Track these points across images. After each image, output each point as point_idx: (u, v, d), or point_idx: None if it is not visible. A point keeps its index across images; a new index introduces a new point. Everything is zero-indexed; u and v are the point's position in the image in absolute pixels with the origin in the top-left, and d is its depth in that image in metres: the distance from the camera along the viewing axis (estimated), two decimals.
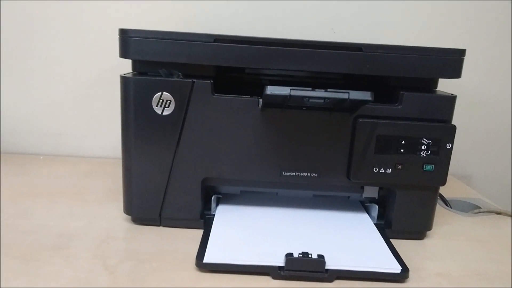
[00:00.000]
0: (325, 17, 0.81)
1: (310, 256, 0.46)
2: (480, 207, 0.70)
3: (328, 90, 0.44)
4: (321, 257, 0.46)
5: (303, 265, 0.46)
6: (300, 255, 0.46)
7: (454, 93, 0.54)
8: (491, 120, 0.88)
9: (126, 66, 0.56)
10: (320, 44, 0.51)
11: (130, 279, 0.45)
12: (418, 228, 0.57)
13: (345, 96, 0.43)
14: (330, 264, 0.46)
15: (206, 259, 0.47)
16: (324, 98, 0.44)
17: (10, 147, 0.86)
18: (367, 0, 0.80)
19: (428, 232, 0.58)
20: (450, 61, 0.52)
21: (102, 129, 0.85)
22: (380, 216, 0.59)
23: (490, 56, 0.84)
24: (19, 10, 0.79)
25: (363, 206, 0.63)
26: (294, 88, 0.43)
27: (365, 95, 0.43)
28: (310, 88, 0.44)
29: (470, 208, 0.71)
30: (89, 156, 0.86)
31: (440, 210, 0.67)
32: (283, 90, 0.43)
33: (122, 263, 0.47)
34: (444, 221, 0.63)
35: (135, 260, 0.48)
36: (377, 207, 0.59)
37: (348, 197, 0.63)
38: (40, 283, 0.43)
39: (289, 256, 0.46)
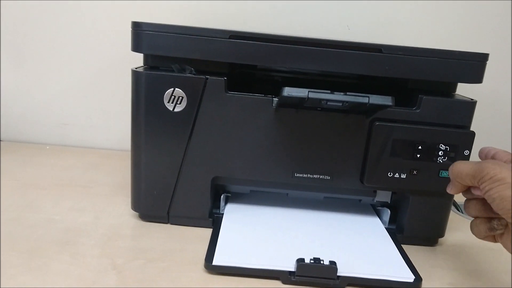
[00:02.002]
0: (341, 15, 0.79)
1: (321, 262, 0.45)
2: None
3: (348, 93, 0.42)
4: (333, 263, 0.45)
5: (315, 271, 0.45)
6: (312, 261, 0.45)
7: (460, 93, 0.52)
8: (500, 123, 0.86)
9: (135, 58, 0.54)
10: (339, 44, 0.49)
11: (138, 279, 0.44)
12: (431, 235, 0.56)
13: (365, 100, 0.42)
14: (341, 271, 0.45)
15: (216, 262, 0.46)
16: (343, 102, 0.43)
17: (17, 136, 0.85)
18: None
19: (440, 239, 0.57)
20: (472, 66, 0.50)
21: (109, 120, 0.84)
22: (391, 220, 0.58)
23: (496, 56, 0.82)
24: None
25: (374, 209, 0.62)
26: (312, 90, 0.42)
27: (386, 100, 0.42)
28: (329, 91, 0.42)
29: None
30: (95, 147, 0.85)
31: (452, 215, 0.65)
32: (301, 92, 0.42)
33: (130, 262, 0.47)
34: (456, 227, 0.62)
35: (143, 259, 0.47)
36: (389, 211, 0.58)
37: (360, 200, 0.62)
38: (47, 281, 0.42)
39: (300, 261, 0.45)
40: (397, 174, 0.52)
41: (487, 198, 0.41)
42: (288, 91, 0.42)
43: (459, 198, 0.71)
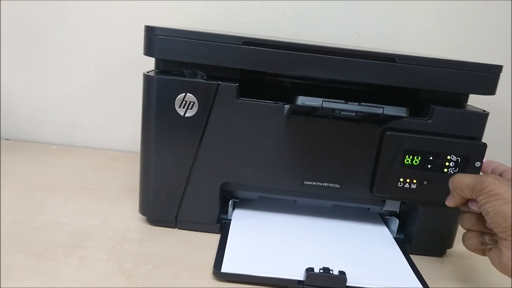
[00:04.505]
0: (351, 22, 0.78)
1: (331, 272, 0.45)
2: None
3: (362, 104, 0.42)
4: (342, 273, 0.45)
5: (324, 281, 0.44)
6: (321, 271, 0.45)
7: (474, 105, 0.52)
8: (505, 133, 0.85)
9: (145, 61, 0.54)
10: (351, 53, 0.49)
11: (146, 284, 0.44)
12: (439, 246, 0.56)
13: (379, 111, 0.42)
14: (351, 281, 0.45)
15: (224, 269, 0.46)
16: (357, 112, 0.43)
17: (24, 135, 0.85)
18: (394, 4, 0.77)
19: (448, 250, 0.57)
20: (486, 77, 0.50)
21: (117, 122, 0.84)
22: (399, 230, 0.58)
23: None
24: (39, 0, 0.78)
25: (382, 218, 0.61)
26: (326, 100, 0.42)
27: (400, 111, 0.42)
28: (343, 101, 0.42)
29: None
30: (102, 148, 0.85)
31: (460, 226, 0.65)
32: (315, 101, 0.42)
33: (138, 268, 0.46)
34: None
35: (151, 265, 0.47)
36: (397, 220, 0.58)
37: (368, 209, 0.62)
38: (55, 285, 0.42)
39: (309, 271, 0.45)
40: (407, 184, 0.52)
41: (482, 211, 0.43)
42: (302, 100, 0.42)
43: None
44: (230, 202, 0.58)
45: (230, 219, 0.57)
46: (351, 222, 0.59)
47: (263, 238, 0.53)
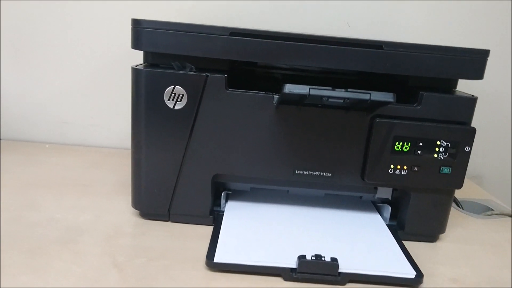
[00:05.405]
0: (341, 12, 0.78)
1: (323, 259, 0.45)
2: (492, 209, 0.69)
3: (349, 90, 0.42)
4: (334, 260, 0.45)
5: (316, 268, 0.45)
6: (313, 258, 0.45)
7: (462, 89, 0.52)
8: (502, 120, 0.86)
9: (135, 56, 0.54)
10: (340, 41, 0.49)
11: (139, 277, 0.44)
12: (431, 231, 0.56)
13: (366, 97, 0.42)
14: (343, 267, 0.45)
15: (217, 259, 0.46)
16: (344, 98, 0.43)
17: (17, 135, 0.85)
18: None
19: (441, 235, 0.57)
20: (473, 62, 0.50)
21: (109, 119, 0.84)
22: (392, 217, 0.58)
23: (499, 53, 0.82)
24: None
25: (375, 206, 0.62)
26: (313, 87, 0.42)
27: (387, 97, 0.42)
28: (330, 88, 0.42)
29: (482, 209, 0.70)
30: (95, 146, 0.85)
31: (452, 211, 0.65)
32: (302, 89, 0.42)
33: (132, 261, 0.47)
34: (456, 223, 0.62)
35: (144, 258, 0.47)
36: (389, 208, 0.58)
37: (361, 197, 0.62)
38: (49, 280, 0.42)
39: (302, 258, 0.45)
40: (398, 170, 0.52)
41: None
42: (289, 88, 0.42)
43: (457, 193, 0.71)
44: (222, 194, 0.58)
45: (223, 211, 0.57)
46: (344, 210, 0.59)
47: (256, 228, 0.53)
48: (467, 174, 0.53)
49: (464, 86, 0.56)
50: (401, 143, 0.51)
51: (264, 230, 0.53)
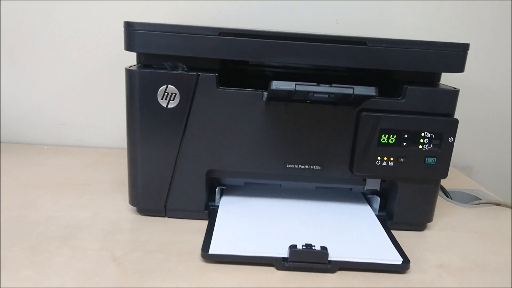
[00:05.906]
0: (329, 10, 0.80)
1: (313, 248, 0.47)
2: (480, 199, 0.71)
3: (333, 85, 0.44)
4: (324, 248, 0.47)
5: (307, 257, 0.47)
6: (304, 247, 0.47)
7: (454, 84, 0.54)
8: (491, 111, 0.88)
9: (130, 58, 0.56)
10: (325, 38, 0.51)
11: (137, 270, 0.46)
12: (419, 220, 0.58)
13: (350, 91, 0.44)
14: (333, 256, 0.47)
15: (212, 251, 0.48)
16: (329, 93, 0.45)
17: (14, 137, 0.86)
18: None
19: (428, 224, 0.59)
20: (454, 56, 0.52)
21: (106, 119, 0.86)
22: (382, 207, 0.60)
23: (490, 48, 0.84)
24: (24, 0, 0.79)
25: (365, 197, 0.63)
26: (299, 83, 0.44)
27: (370, 90, 0.44)
28: (315, 83, 0.44)
29: (470, 199, 0.72)
30: (93, 146, 0.87)
31: (440, 201, 0.67)
32: (288, 85, 0.44)
33: (129, 254, 0.48)
34: (444, 212, 0.64)
35: (142, 251, 0.49)
36: (379, 199, 0.60)
37: (351, 189, 0.64)
38: (49, 274, 0.44)
39: (293, 247, 0.47)
40: (384, 162, 0.54)
41: None
42: (276, 85, 0.44)
43: (447, 184, 0.73)
44: (217, 190, 0.59)
45: (218, 206, 0.59)
46: (335, 202, 0.61)
47: (250, 221, 0.55)
48: (457, 165, 0.55)
49: (456, 81, 0.57)
50: (387, 136, 0.53)
51: (257, 223, 0.54)
